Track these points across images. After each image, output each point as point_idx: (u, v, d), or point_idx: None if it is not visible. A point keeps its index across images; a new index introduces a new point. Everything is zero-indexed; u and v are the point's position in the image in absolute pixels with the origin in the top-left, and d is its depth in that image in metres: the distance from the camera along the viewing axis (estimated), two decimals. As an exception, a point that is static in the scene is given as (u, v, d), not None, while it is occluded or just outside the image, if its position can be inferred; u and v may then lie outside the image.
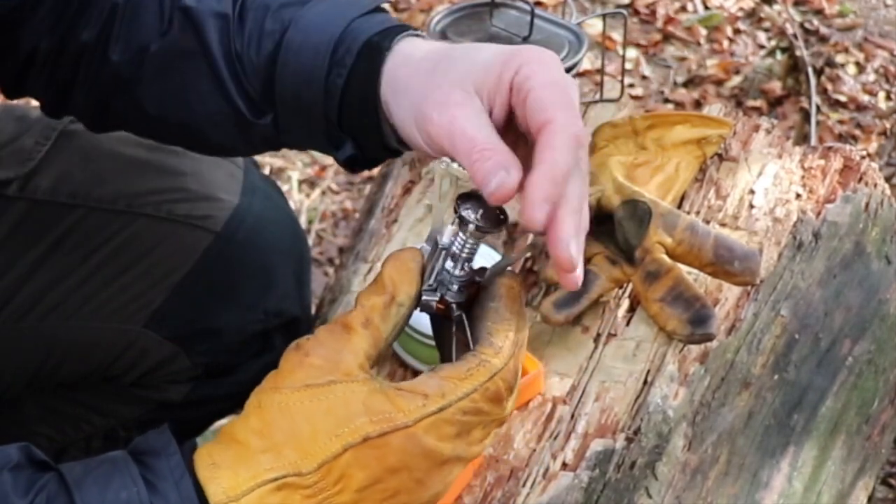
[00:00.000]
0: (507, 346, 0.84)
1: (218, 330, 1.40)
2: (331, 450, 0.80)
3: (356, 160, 1.01)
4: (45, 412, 1.46)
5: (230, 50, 1.04)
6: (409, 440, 0.81)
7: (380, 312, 0.85)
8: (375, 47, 0.96)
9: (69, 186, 1.34)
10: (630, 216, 1.27)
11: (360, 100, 0.97)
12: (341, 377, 0.82)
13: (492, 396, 0.82)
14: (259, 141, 1.08)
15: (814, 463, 1.27)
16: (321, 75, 0.98)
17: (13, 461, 0.81)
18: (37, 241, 1.33)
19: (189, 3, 1.06)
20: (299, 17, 1.01)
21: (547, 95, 0.83)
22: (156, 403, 1.46)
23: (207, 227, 1.37)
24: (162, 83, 1.09)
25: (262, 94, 1.03)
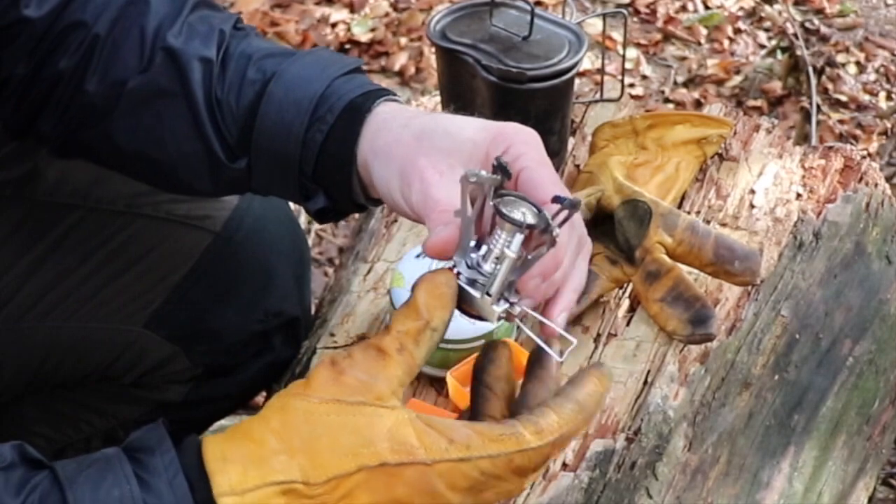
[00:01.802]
0: (551, 433, 0.83)
1: (218, 330, 1.40)
2: (344, 467, 0.80)
3: (326, 212, 1.05)
4: (44, 412, 1.46)
5: (211, 94, 1.07)
6: (423, 477, 0.81)
7: (414, 338, 0.84)
8: (357, 109, 1.01)
9: (69, 186, 1.34)
10: (630, 216, 1.27)
11: (336, 156, 1.01)
12: (372, 400, 0.82)
13: (515, 469, 0.82)
14: (228, 183, 1.10)
15: (814, 463, 1.27)
16: (301, 130, 1.02)
17: (6, 461, 0.81)
18: (36, 242, 1.33)
19: (174, 44, 1.08)
20: (282, 70, 1.05)
21: (541, 176, 0.90)
22: (155, 404, 1.46)
23: (207, 228, 1.37)
24: (136, 119, 1.10)
25: (238, 139, 1.06)
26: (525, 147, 0.92)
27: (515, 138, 0.93)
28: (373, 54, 3.15)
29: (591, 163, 1.40)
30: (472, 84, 1.35)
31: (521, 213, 0.85)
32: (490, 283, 0.86)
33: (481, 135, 0.93)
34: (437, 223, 0.89)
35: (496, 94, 1.33)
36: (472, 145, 0.92)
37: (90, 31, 1.10)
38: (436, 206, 0.90)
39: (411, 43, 3.17)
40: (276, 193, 1.10)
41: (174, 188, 1.19)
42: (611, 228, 1.28)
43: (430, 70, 3.04)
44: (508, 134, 0.93)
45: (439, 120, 0.97)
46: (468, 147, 0.93)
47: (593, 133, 1.43)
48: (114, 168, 1.20)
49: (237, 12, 1.24)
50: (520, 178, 0.90)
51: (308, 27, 3.20)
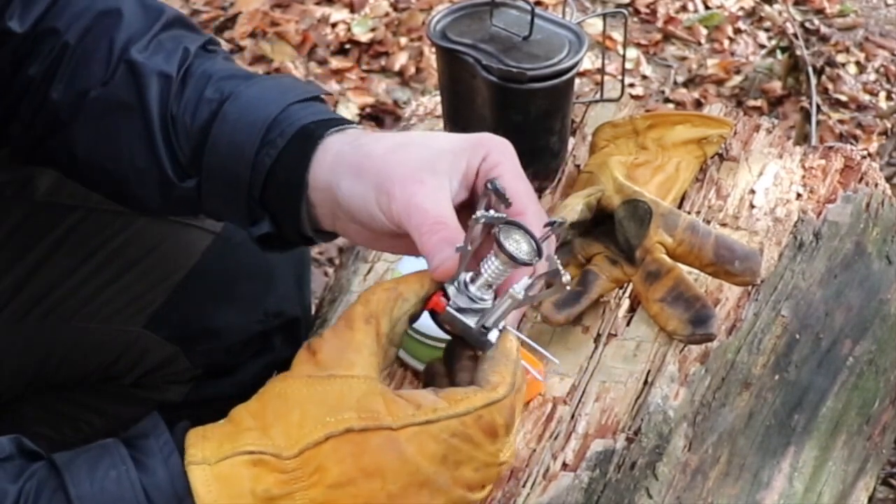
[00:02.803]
0: (505, 385, 0.85)
1: (218, 330, 1.40)
2: (314, 437, 0.81)
3: (269, 239, 1.04)
4: (44, 413, 1.46)
5: (167, 111, 1.06)
6: (389, 443, 0.81)
7: (383, 307, 0.86)
8: (309, 135, 0.99)
9: (69, 187, 1.34)
10: (630, 216, 1.27)
11: (285, 182, 1.00)
12: (343, 371, 0.83)
13: (485, 427, 0.83)
14: (179, 203, 1.09)
15: (814, 463, 1.27)
16: (250, 153, 1.01)
17: (5, 452, 0.82)
18: (37, 242, 1.33)
19: (136, 57, 1.08)
20: (239, 92, 1.04)
21: (517, 187, 0.90)
22: (156, 404, 1.45)
23: (207, 228, 1.37)
24: (95, 130, 1.10)
25: (190, 158, 1.05)
26: (501, 157, 0.92)
27: (492, 149, 0.93)
28: (373, 54, 3.15)
29: (591, 163, 1.40)
30: (472, 84, 1.35)
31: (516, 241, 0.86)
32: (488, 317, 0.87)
33: (459, 145, 0.93)
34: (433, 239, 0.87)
35: (496, 94, 1.33)
36: (452, 155, 0.92)
37: (61, 38, 1.10)
38: (425, 218, 0.88)
39: (411, 43, 3.17)
40: (225, 216, 1.09)
41: (127, 202, 1.18)
42: (611, 228, 1.28)
43: (430, 70, 3.04)
44: (486, 144, 0.93)
45: (411, 135, 0.97)
46: (447, 157, 0.92)
47: (593, 133, 1.43)
48: (73, 178, 1.19)
49: (237, 12, 1.23)
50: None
51: (308, 27, 3.21)
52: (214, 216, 1.11)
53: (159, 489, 0.81)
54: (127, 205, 1.19)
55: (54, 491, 0.81)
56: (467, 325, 0.87)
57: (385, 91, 3.03)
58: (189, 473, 0.81)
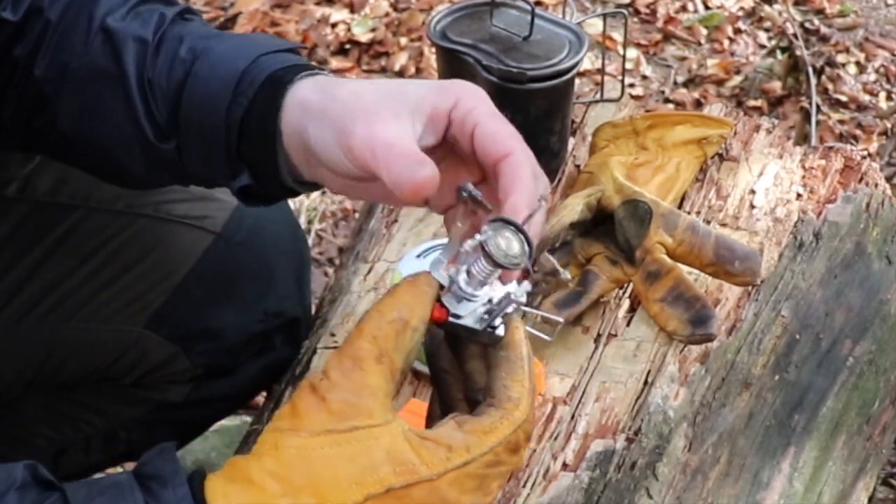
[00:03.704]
0: (525, 398, 0.83)
1: (218, 330, 1.40)
2: (352, 498, 0.79)
3: (250, 192, 1.03)
4: (44, 413, 1.46)
5: (143, 74, 1.06)
6: (432, 494, 0.80)
7: (393, 342, 0.82)
8: (277, 81, 0.98)
9: (69, 187, 1.34)
10: (631, 216, 1.27)
11: (258, 131, 0.98)
12: (363, 421, 0.80)
13: (512, 448, 0.82)
14: (164, 167, 1.09)
15: (814, 463, 1.27)
16: (223, 105, 1.00)
17: (18, 481, 0.80)
18: (37, 242, 1.33)
19: (112, 24, 1.08)
20: (210, 48, 1.04)
21: (497, 128, 0.89)
22: (156, 404, 1.45)
23: (207, 228, 1.37)
24: (78, 102, 1.10)
25: (168, 119, 1.05)
26: (475, 101, 0.90)
27: (463, 94, 0.90)
28: (373, 54, 3.15)
29: (591, 163, 1.40)
30: (472, 84, 1.34)
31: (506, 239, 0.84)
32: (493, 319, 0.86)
33: (424, 88, 0.91)
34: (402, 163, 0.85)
35: (496, 94, 1.32)
36: (417, 97, 0.90)
37: (43, 16, 1.10)
38: (390, 151, 0.86)
39: (411, 43, 3.17)
40: (208, 174, 1.07)
41: (111, 173, 1.17)
42: (611, 228, 1.28)
43: (430, 70, 3.04)
44: (455, 89, 0.91)
45: (379, 81, 0.95)
46: (413, 98, 0.90)
47: (593, 133, 1.43)
48: (63, 158, 1.18)
49: (237, 12, 1.24)
50: (475, 134, 0.88)
51: (308, 27, 3.21)
52: (198, 177, 1.09)
53: None
54: (117, 179, 1.18)
55: None
56: (472, 329, 0.86)
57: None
58: None
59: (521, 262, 0.85)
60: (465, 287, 0.85)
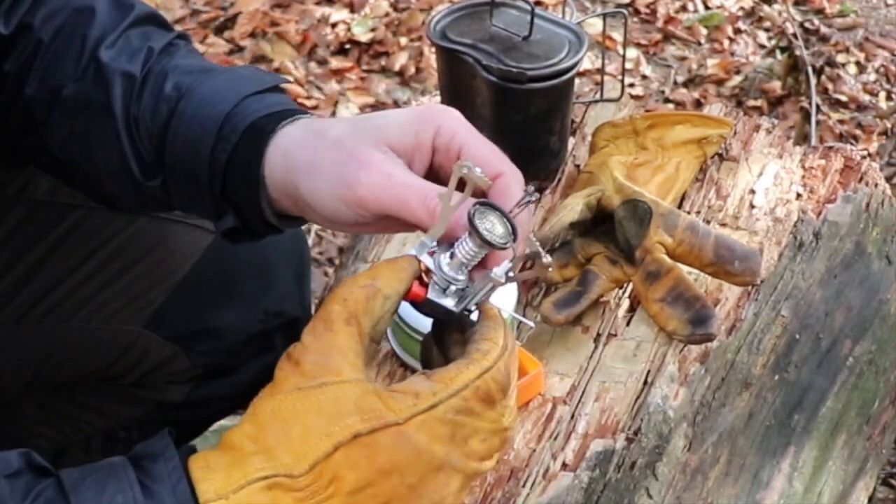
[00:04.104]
0: (496, 349, 0.84)
1: (218, 330, 1.40)
2: (322, 449, 0.80)
3: (236, 231, 1.04)
4: (44, 412, 1.46)
5: (129, 111, 1.06)
6: (399, 438, 0.81)
7: (363, 305, 0.85)
8: (260, 130, 0.99)
9: (69, 187, 1.34)
10: (630, 216, 1.27)
11: (241, 177, 0.99)
12: (332, 378, 0.82)
13: (483, 396, 0.83)
14: (150, 201, 1.10)
15: (814, 463, 1.27)
16: (207, 149, 1.01)
17: (13, 468, 0.81)
18: (37, 242, 1.33)
19: (103, 57, 1.08)
20: (194, 88, 1.04)
21: (484, 151, 0.90)
22: (156, 404, 1.46)
23: (207, 227, 1.37)
24: (69, 128, 1.10)
25: (153, 157, 1.06)
26: (455, 125, 0.91)
27: (442, 120, 0.92)
28: (373, 54, 3.15)
29: (591, 163, 1.40)
30: (472, 84, 1.35)
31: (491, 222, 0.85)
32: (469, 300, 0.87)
33: (403, 119, 0.92)
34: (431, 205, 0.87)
35: (496, 94, 1.33)
36: (398, 129, 0.91)
37: (35, 35, 1.10)
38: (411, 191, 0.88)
39: (411, 43, 3.17)
40: (195, 212, 1.09)
41: (104, 201, 1.18)
42: (611, 228, 1.28)
43: (430, 70, 3.04)
44: (433, 116, 0.92)
45: (357, 121, 0.96)
46: (393, 131, 0.91)
47: (593, 133, 1.43)
48: (55, 176, 1.19)
49: (237, 12, 1.24)
50: (461, 156, 0.90)
51: (308, 27, 3.21)
52: (187, 211, 1.11)
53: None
54: (106, 204, 1.19)
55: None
56: (449, 310, 0.87)
57: (385, 91, 3.03)
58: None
59: (507, 242, 0.85)
60: (447, 269, 0.86)
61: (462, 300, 0.88)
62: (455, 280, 0.87)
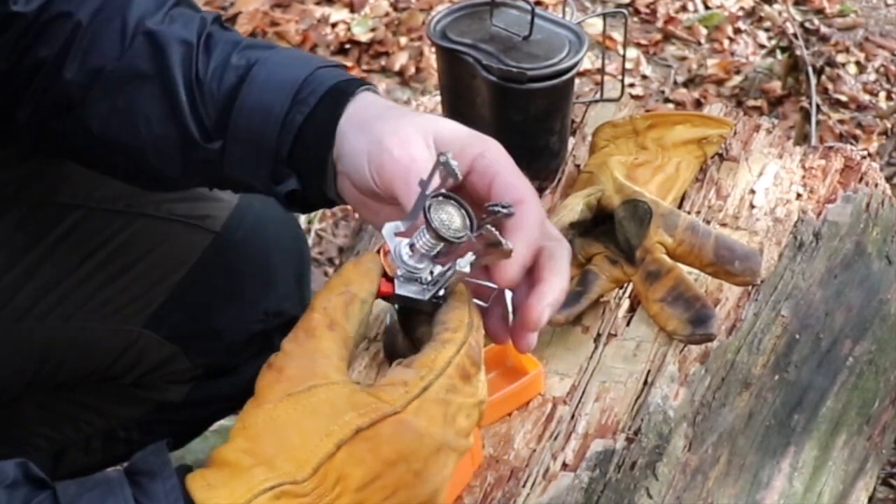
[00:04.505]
0: (463, 325, 0.86)
1: (218, 330, 1.40)
2: (324, 450, 0.80)
3: (295, 197, 1.05)
4: (44, 412, 1.46)
5: (191, 76, 1.08)
6: (401, 426, 0.81)
7: (343, 311, 0.85)
8: (341, 92, 1.02)
9: (69, 187, 1.34)
10: (630, 216, 1.27)
11: (314, 140, 1.02)
12: (320, 381, 0.82)
13: (462, 373, 0.84)
14: (198, 167, 1.10)
15: (814, 463, 1.27)
16: (281, 111, 1.03)
17: (9, 479, 0.81)
18: (37, 242, 1.33)
19: (154, 27, 1.10)
20: (266, 57, 1.07)
21: (517, 182, 0.93)
22: (156, 404, 1.46)
23: (207, 227, 1.37)
24: (109, 103, 1.11)
25: (215, 122, 1.07)
26: (499, 155, 0.94)
27: (491, 147, 0.95)
28: (373, 54, 3.15)
29: (591, 163, 1.40)
30: (472, 84, 1.35)
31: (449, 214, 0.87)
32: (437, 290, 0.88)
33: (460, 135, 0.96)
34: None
35: (496, 94, 1.33)
36: (450, 139, 0.95)
37: (73, 19, 1.11)
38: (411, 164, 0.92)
39: (411, 43, 3.17)
40: (246, 177, 1.09)
41: (143, 176, 1.18)
42: (611, 228, 1.28)
43: (430, 70, 3.04)
44: (485, 141, 0.95)
45: (424, 115, 0.99)
46: (447, 133, 0.95)
47: (593, 133, 1.43)
48: (85, 159, 1.19)
49: (237, 12, 1.25)
50: (494, 182, 0.93)
51: (308, 27, 3.21)
52: (234, 180, 1.11)
53: None
54: (143, 179, 1.19)
55: None
56: (418, 300, 0.89)
57: (385, 91, 3.03)
58: None
59: (463, 235, 0.86)
60: (407, 259, 0.87)
61: (429, 287, 0.88)
62: (416, 269, 0.88)
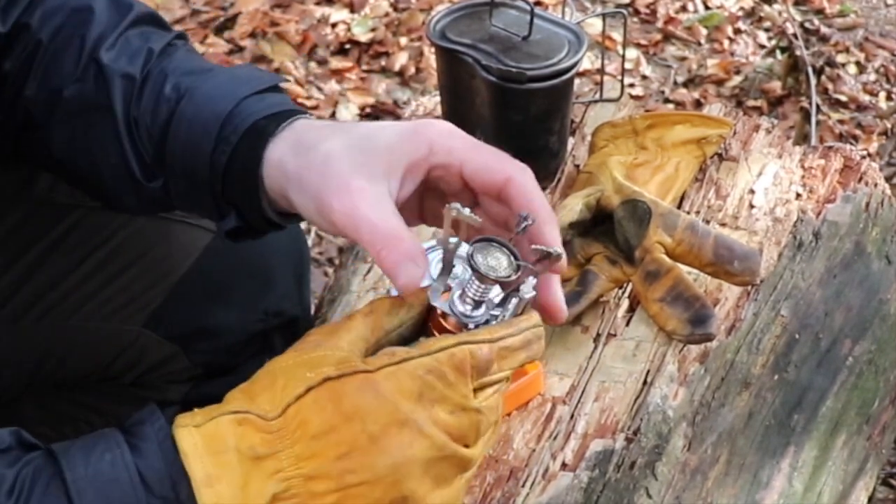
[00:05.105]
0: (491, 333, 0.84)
1: (217, 330, 1.40)
2: (294, 392, 0.81)
3: (239, 231, 1.04)
4: (44, 412, 1.46)
5: (129, 112, 1.07)
6: (367, 383, 0.81)
7: (385, 308, 0.87)
8: (261, 132, 0.98)
9: (68, 186, 1.34)
10: (630, 216, 1.27)
11: (241, 178, 1.00)
12: (330, 347, 0.84)
13: (457, 364, 0.82)
14: (151, 202, 1.10)
15: (814, 463, 1.27)
16: (207, 150, 1.01)
17: (4, 444, 0.83)
18: (35, 241, 1.33)
19: (103, 58, 1.08)
20: (195, 88, 1.04)
21: (484, 158, 0.89)
22: (155, 404, 1.45)
23: (206, 227, 1.37)
24: (70, 129, 1.11)
25: (154, 158, 1.06)
26: (449, 140, 0.90)
27: (435, 137, 0.90)
28: (373, 54, 3.15)
29: (590, 163, 1.40)
30: (472, 84, 1.35)
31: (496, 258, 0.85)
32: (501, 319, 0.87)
33: (395, 138, 0.91)
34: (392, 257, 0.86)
35: (496, 94, 1.33)
36: (388, 154, 0.90)
37: (34, 36, 1.11)
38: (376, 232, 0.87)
39: (411, 43, 3.17)
40: (197, 213, 1.09)
41: (106, 202, 1.18)
42: (610, 228, 1.28)
43: (430, 70, 3.04)
44: (426, 134, 0.91)
45: (351, 135, 0.93)
46: (384, 157, 0.90)
47: (593, 133, 1.43)
48: (56, 176, 1.20)
49: (237, 12, 1.24)
50: (465, 173, 0.89)
51: (308, 27, 3.21)
52: (189, 211, 1.11)
53: (153, 469, 0.82)
54: (107, 204, 1.19)
55: (51, 476, 0.81)
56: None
57: (385, 91, 3.03)
58: (176, 436, 0.82)
59: (510, 274, 0.85)
60: (460, 308, 0.87)
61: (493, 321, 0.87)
62: (472, 317, 0.87)
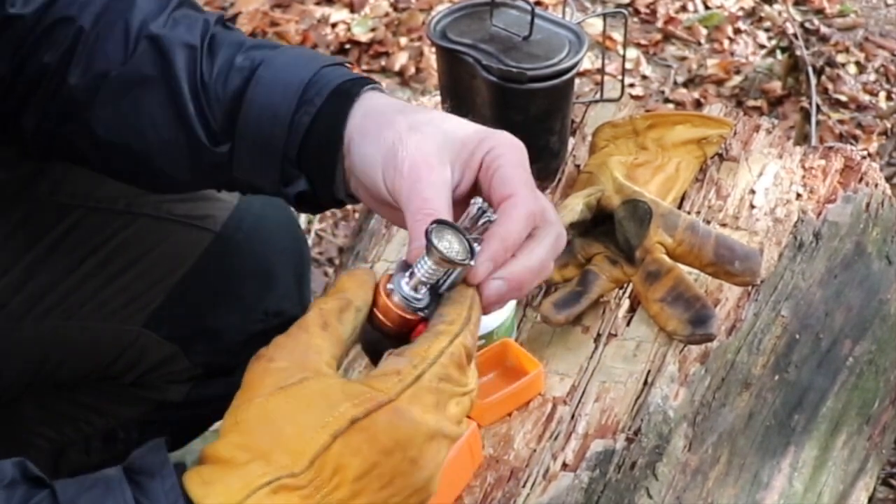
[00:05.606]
0: (460, 319, 0.86)
1: (217, 330, 1.40)
2: (319, 442, 0.79)
3: (304, 198, 1.05)
4: (44, 412, 1.46)
5: (195, 80, 1.08)
6: (396, 415, 0.81)
7: (336, 315, 0.86)
8: (345, 93, 1.01)
9: (69, 186, 1.34)
10: (630, 216, 1.27)
11: (322, 140, 1.01)
12: (311, 374, 0.82)
13: (457, 361, 0.84)
14: (207, 170, 1.10)
15: (814, 463, 1.27)
16: (288, 112, 1.03)
17: (7, 478, 0.80)
18: (37, 241, 1.33)
19: (157, 31, 1.10)
20: (271, 58, 1.07)
21: (513, 174, 0.92)
22: (155, 403, 1.45)
23: (207, 227, 1.37)
24: (115, 108, 1.11)
25: (222, 124, 1.07)
26: (505, 149, 0.94)
27: (499, 143, 0.94)
28: (373, 54, 3.15)
29: (591, 163, 1.40)
30: (472, 84, 1.35)
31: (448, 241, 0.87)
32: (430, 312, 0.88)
33: (474, 136, 0.95)
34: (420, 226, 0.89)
35: (496, 94, 1.33)
36: (461, 145, 0.94)
37: (75, 24, 1.11)
38: (423, 205, 0.90)
39: (411, 43, 3.17)
40: (256, 179, 1.09)
41: (151, 180, 1.18)
42: (611, 228, 1.28)
43: (430, 70, 3.04)
44: (496, 137, 0.95)
45: (433, 114, 0.98)
46: (457, 146, 0.94)
47: (593, 133, 1.43)
48: (93, 164, 1.19)
49: (237, 12, 1.25)
50: (494, 176, 0.92)
51: (308, 27, 3.20)
52: (243, 182, 1.11)
53: None
54: (152, 183, 1.19)
55: None
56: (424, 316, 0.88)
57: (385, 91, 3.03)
58: None
59: (465, 258, 0.87)
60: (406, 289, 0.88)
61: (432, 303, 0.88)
62: (415, 299, 0.88)
